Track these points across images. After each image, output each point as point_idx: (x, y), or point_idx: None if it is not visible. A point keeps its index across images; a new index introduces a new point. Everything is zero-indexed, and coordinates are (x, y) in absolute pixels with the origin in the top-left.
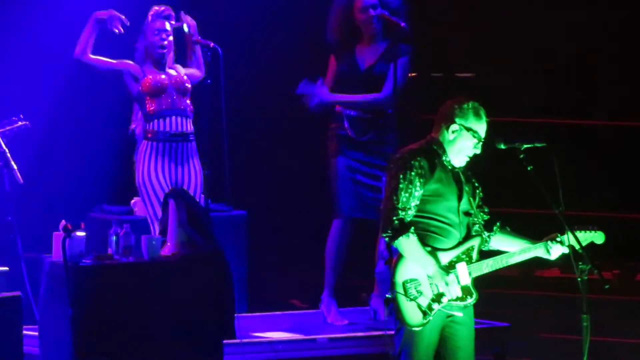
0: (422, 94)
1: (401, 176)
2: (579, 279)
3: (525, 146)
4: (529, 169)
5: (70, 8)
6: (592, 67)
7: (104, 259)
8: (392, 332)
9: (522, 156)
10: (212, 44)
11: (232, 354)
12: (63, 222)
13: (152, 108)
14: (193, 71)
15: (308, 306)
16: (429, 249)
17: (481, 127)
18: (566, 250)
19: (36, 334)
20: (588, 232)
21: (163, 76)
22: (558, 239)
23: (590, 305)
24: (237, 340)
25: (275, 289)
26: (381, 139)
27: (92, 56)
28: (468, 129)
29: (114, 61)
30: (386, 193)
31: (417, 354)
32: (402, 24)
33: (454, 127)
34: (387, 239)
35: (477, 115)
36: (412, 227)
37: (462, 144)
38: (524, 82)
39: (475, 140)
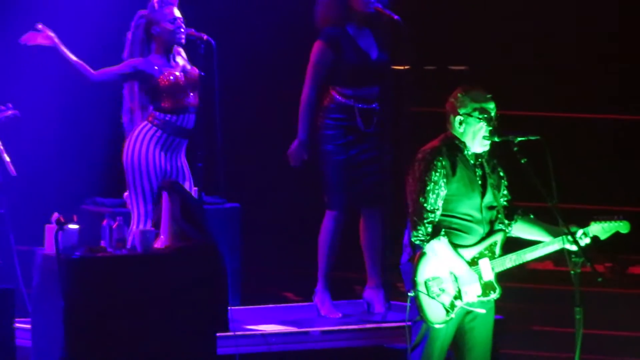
0: (415, 87)
1: (426, 178)
2: (572, 272)
3: (519, 139)
4: (522, 161)
5: None
6: (589, 59)
7: (97, 252)
8: (408, 324)
9: (515, 149)
10: (205, 37)
11: (225, 347)
12: (56, 214)
13: (167, 105)
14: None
15: (301, 299)
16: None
17: (485, 105)
18: (588, 241)
19: (29, 326)
20: (613, 222)
21: (178, 72)
22: (581, 232)
23: (583, 298)
24: (230, 333)
25: (269, 282)
26: (381, 129)
27: (95, 73)
28: (472, 114)
29: (120, 67)
30: (412, 195)
31: (434, 348)
32: (396, 17)
33: (458, 118)
34: (417, 241)
35: (475, 96)
36: (443, 230)
37: (472, 130)
38: (517, 74)
39: (484, 121)
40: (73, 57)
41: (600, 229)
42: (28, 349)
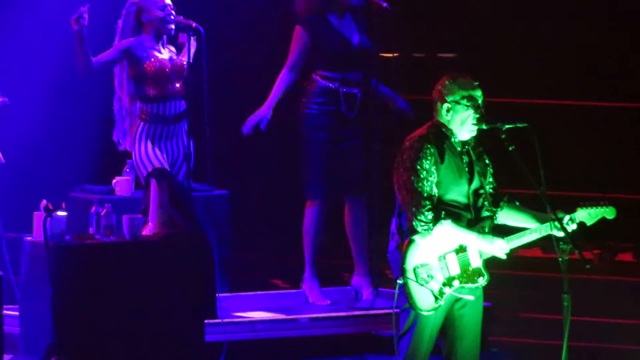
0: (404, 74)
1: (418, 166)
2: (560, 259)
3: (507, 126)
4: (510, 149)
5: None
6: (576, 46)
7: (85, 239)
8: (397, 311)
9: (503, 136)
10: (194, 24)
11: (214, 334)
12: (44, 201)
13: (153, 92)
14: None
15: (289, 286)
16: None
17: (472, 92)
18: (575, 227)
19: (17, 313)
20: (599, 207)
21: (165, 60)
22: (567, 218)
23: (571, 285)
24: (219, 320)
25: (257, 269)
26: (365, 115)
27: (95, 60)
28: (459, 102)
29: (111, 52)
30: (407, 185)
31: (423, 335)
32: (384, 4)
33: (446, 106)
34: (421, 230)
35: (462, 84)
36: (443, 212)
37: (460, 117)
38: (506, 62)
39: (472, 108)
40: (87, 44)
41: (587, 215)
42: (16, 335)
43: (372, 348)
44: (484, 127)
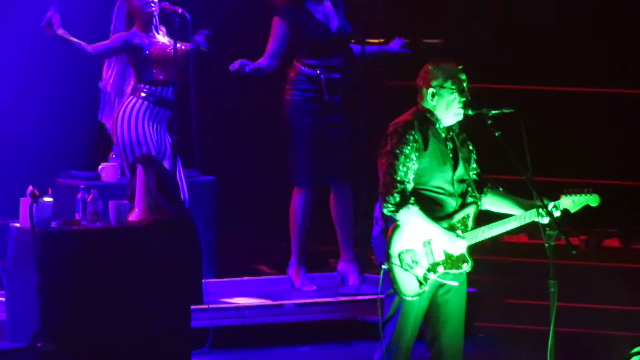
0: (389, 60)
1: (398, 151)
2: (546, 245)
3: (493, 112)
4: (496, 134)
5: None
6: (562, 30)
7: (72, 225)
8: (382, 295)
9: (489, 122)
10: (180, 10)
11: (200, 320)
12: (30, 187)
13: (157, 76)
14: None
15: (276, 272)
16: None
17: (456, 76)
18: (558, 214)
19: (3, 299)
20: (583, 195)
21: (165, 41)
22: (551, 205)
23: (558, 271)
24: (205, 306)
25: (243, 255)
26: (347, 100)
27: (91, 48)
28: (444, 86)
29: (110, 41)
30: (382, 168)
31: (407, 320)
32: None
33: (430, 91)
34: (388, 212)
35: (446, 69)
36: (413, 198)
37: (446, 101)
38: (492, 48)
39: (457, 93)
40: (72, 38)
41: (571, 202)
42: (3, 321)
43: (358, 333)
44: (470, 112)
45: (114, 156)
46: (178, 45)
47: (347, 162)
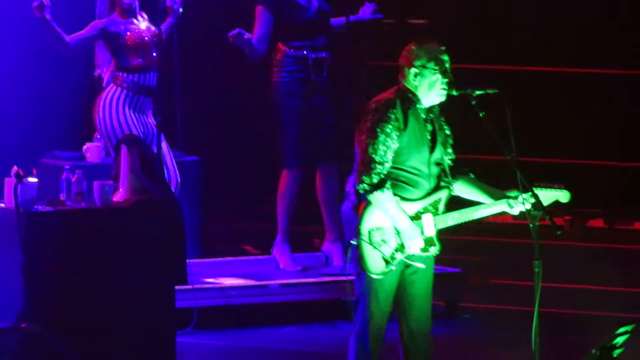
0: (373, 40)
1: (379, 129)
2: (531, 225)
3: (477, 93)
4: (480, 115)
5: None
6: (546, 10)
7: (56, 205)
8: (352, 277)
9: (474, 102)
10: None
11: (184, 300)
12: (15, 168)
13: (134, 63)
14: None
15: (260, 252)
16: (397, 198)
17: (440, 57)
18: (529, 207)
19: None
20: (553, 190)
21: (143, 31)
22: (522, 197)
23: (542, 252)
24: (189, 286)
25: (228, 235)
26: (333, 79)
27: (69, 39)
28: (427, 66)
29: (87, 29)
30: (362, 144)
31: (377, 299)
32: None
33: (413, 70)
34: (362, 190)
35: (430, 49)
36: (389, 182)
37: (428, 81)
38: (476, 29)
39: (440, 73)
40: (56, 27)
41: (542, 197)
42: None
43: (343, 314)
44: (455, 93)
45: (98, 136)
46: (155, 28)
47: (333, 143)
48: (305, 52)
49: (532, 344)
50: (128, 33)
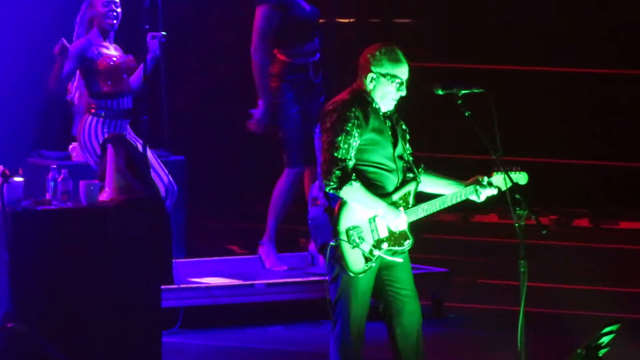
0: (360, 39)
1: (338, 128)
2: (517, 225)
3: (463, 92)
4: (466, 114)
5: None
6: (527, 9)
7: (42, 205)
8: (328, 279)
9: (459, 102)
10: None
11: (170, 300)
12: (1, 167)
13: (106, 89)
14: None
15: (246, 252)
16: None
17: (399, 70)
18: (495, 192)
19: None
20: (512, 173)
21: (115, 57)
22: (486, 181)
23: (528, 251)
24: (175, 286)
25: (213, 235)
26: (325, 80)
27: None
28: (384, 75)
29: (70, 62)
30: (324, 145)
31: (356, 299)
32: None
33: (370, 75)
34: (330, 190)
35: (392, 59)
36: (354, 175)
37: (383, 90)
38: (462, 27)
39: (396, 84)
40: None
41: (502, 180)
42: None
43: (328, 313)
44: (440, 92)
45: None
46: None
47: None
48: (305, 60)
49: (518, 344)
50: (100, 59)
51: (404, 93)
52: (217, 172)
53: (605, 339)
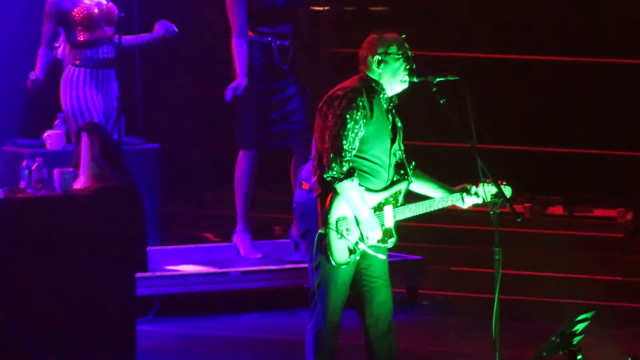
0: (334, 27)
1: (348, 116)
2: (492, 212)
3: (438, 79)
4: (441, 102)
5: None
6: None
7: (17, 193)
8: (309, 266)
9: (434, 89)
10: None
11: (145, 287)
12: None
13: (82, 38)
14: None
15: (221, 239)
16: (362, 189)
17: (403, 46)
18: (480, 201)
19: None
20: (497, 186)
21: (92, 6)
22: (473, 191)
23: (502, 239)
24: (150, 274)
25: (188, 222)
26: (297, 66)
27: (45, 46)
28: (390, 53)
29: (47, 27)
30: (332, 130)
31: (336, 289)
32: None
33: (377, 58)
34: (329, 178)
35: (393, 38)
36: (356, 172)
37: (391, 69)
38: (437, 15)
39: (403, 59)
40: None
41: (487, 191)
42: None
43: (303, 301)
44: (415, 79)
45: (58, 123)
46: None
47: (299, 128)
48: (269, 39)
49: (493, 331)
50: (75, 9)
51: (412, 65)
52: (192, 160)
53: (579, 327)
